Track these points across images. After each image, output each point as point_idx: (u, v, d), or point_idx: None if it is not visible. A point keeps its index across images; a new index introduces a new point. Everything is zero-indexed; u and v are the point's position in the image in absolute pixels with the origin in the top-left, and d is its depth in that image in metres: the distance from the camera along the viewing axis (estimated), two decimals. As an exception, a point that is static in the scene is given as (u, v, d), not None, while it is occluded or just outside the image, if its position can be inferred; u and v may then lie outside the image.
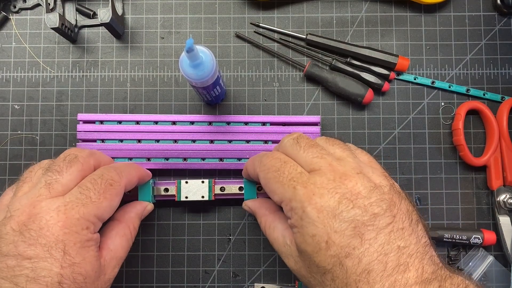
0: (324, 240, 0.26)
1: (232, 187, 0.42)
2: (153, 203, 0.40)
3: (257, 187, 0.40)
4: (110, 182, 0.32)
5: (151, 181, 0.40)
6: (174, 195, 0.41)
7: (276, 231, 0.33)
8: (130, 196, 0.40)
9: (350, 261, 0.26)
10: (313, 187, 0.28)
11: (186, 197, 0.41)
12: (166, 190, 0.41)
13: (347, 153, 0.31)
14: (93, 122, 0.44)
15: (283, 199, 0.29)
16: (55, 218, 0.28)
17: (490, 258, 0.43)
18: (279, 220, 0.33)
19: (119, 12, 0.45)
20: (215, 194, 0.41)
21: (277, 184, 0.30)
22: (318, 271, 0.27)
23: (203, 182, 0.41)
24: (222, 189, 0.41)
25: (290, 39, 0.46)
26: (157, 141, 0.43)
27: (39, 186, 0.30)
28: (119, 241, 0.33)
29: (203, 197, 0.41)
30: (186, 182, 0.41)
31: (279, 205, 0.31)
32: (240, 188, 0.41)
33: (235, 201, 0.44)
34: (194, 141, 0.44)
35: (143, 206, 0.38)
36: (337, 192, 0.27)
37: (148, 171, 0.40)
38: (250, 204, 0.38)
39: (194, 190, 0.41)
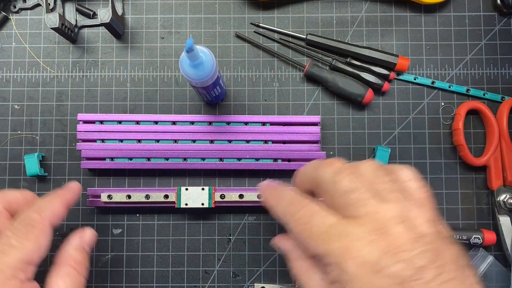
0: None
1: (232, 195, 0.42)
2: (43, 175, 0.43)
3: (257, 195, 0.40)
4: (31, 224, 0.30)
5: (36, 154, 0.43)
6: (174, 202, 0.42)
7: (312, 280, 0.29)
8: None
9: None
10: (349, 240, 0.25)
11: (186, 204, 0.41)
12: (166, 196, 0.42)
13: (394, 195, 0.27)
14: (93, 122, 0.44)
15: (316, 253, 0.27)
16: None
17: (490, 258, 0.43)
18: (316, 269, 0.29)
19: (119, 12, 0.45)
20: (215, 201, 0.41)
21: (308, 239, 0.27)
22: None
23: (203, 189, 0.41)
24: (222, 196, 0.41)
25: (290, 39, 0.46)
26: (157, 141, 0.43)
27: None
28: (62, 283, 0.31)
29: (203, 204, 0.41)
30: (186, 189, 0.41)
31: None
32: (240, 196, 0.41)
33: (236, 209, 0.44)
34: (194, 141, 0.44)
35: (78, 236, 0.34)
36: (378, 246, 0.25)
37: (78, 187, 0.37)
38: (282, 243, 0.33)
39: (194, 197, 0.41)
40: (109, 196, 0.42)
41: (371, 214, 0.26)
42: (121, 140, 0.43)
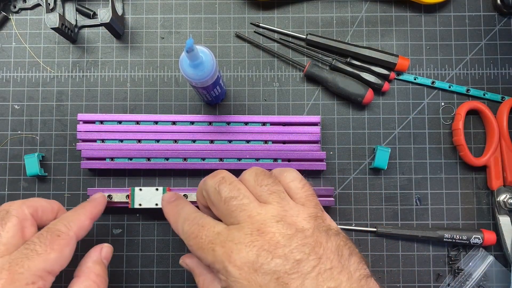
0: None
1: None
2: (43, 175, 0.43)
3: None
4: (57, 234, 0.31)
5: (36, 154, 0.43)
6: (127, 202, 0.42)
7: None
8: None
9: None
10: (231, 244, 0.27)
11: (140, 205, 0.41)
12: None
13: (274, 196, 0.29)
14: (93, 122, 0.44)
15: (207, 263, 0.28)
16: None
17: (490, 258, 0.43)
18: (218, 281, 0.31)
19: (119, 12, 0.45)
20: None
21: (199, 251, 0.29)
22: None
23: (157, 189, 0.41)
24: (184, 196, 0.41)
25: (290, 39, 0.46)
26: (157, 141, 0.43)
27: None
28: None
29: (156, 204, 0.41)
30: (140, 189, 0.41)
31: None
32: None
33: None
34: (194, 141, 0.44)
35: (98, 250, 0.36)
36: (254, 245, 0.26)
37: (103, 198, 0.39)
38: (188, 261, 0.35)
39: (148, 197, 0.41)
40: (109, 196, 0.42)
41: (250, 217, 0.28)
42: (121, 140, 0.43)
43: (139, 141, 0.44)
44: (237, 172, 0.44)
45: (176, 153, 0.43)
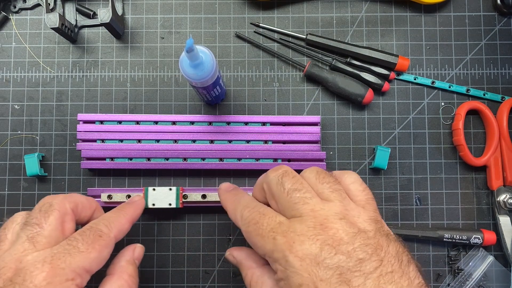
0: None
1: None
2: (43, 175, 0.43)
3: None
4: (99, 234, 0.31)
5: (36, 154, 0.43)
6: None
7: (264, 286, 0.31)
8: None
9: None
10: (293, 235, 0.27)
11: (153, 204, 0.41)
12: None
13: (336, 195, 0.29)
14: (93, 122, 0.44)
15: (265, 251, 0.28)
16: (39, 269, 0.27)
17: (490, 258, 0.43)
18: (268, 275, 0.31)
19: (119, 12, 0.45)
20: (182, 201, 0.42)
21: (257, 237, 0.29)
22: None
23: (170, 189, 0.41)
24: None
25: (290, 39, 0.46)
26: (157, 141, 0.43)
27: (21, 241, 0.29)
28: None
29: (170, 204, 0.41)
30: (154, 189, 0.41)
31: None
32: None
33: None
34: (194, 141, 0.44)
35: (131, 250, 0.36)
36: (317, 239, 0.26)
37: (142, 201, 0.39)
38: (236, 253, 0.35)
39: (162, 197, 0.41)
40: (109, 196, 0.42)
41: (313, 211, 0.28)
42: (121, 140, 0.43)
43: (139, 141, 0.44)
44: (237, 172, 0.44)
45: (176, 153, 0.43)
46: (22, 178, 0.44)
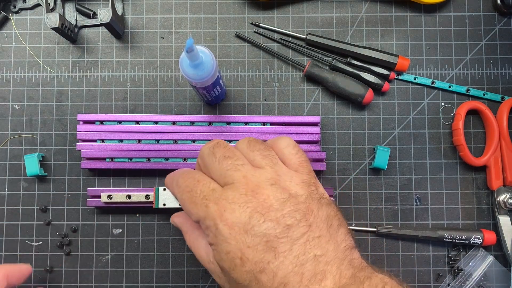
0: (238, 257, 0.26)
1: None
2: (43, 175, 0.44)
3: None
4: None
5: (36, 154, 0.43)
6: (152, 202, 0.42)
7: (200, 248, 0.32)
8: None
9: (265, 276, 0.25)
10: (224, 202, 0.27)
11: (164, 204, 0.41)
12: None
13: (267, 161, 0.30)
14: (93, 122, 0.44)
15: (198, 218, 0.29)
16: None
17: (490, 258, 0.43)
18: (203, 237, 0.32)
19: (119, 12, 0.45)
20: None
21: (191, 205, 0.29)
22: (238, 287, 0.27)
23: None
24: None
25: (290, 39, 0.46)
26: (157, 141, 0.43)
27: None
28: None
29: (180, 204, 0.41)
30: (164, 189, 0.41)
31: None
32: None
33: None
34: (194, 141, 0.44)
35: (5, 277, 0.36)
36: (248, 207, 0.27)
37: (26, 267, 0.38)
38: (176, 220, 0.36)
39: (172, 197, 0.41)
40: (109, 196, 0.42)
41: (245, 178, 0.28)
42: (121, 140, 0.43)
43: (139, 141, 0.44)
44: (237, 172, 0.44)
45: (176, 153, 0.43)
46: (22, 178, 0.44)
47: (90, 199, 0.43)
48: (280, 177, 0.29)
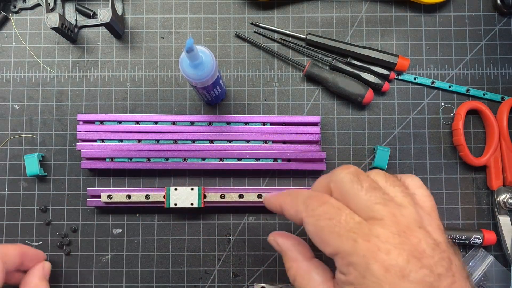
0: None
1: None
2: (43, 175, 0.44)
3: (257, 195, 0.41)
4: None
5: (36, 154, 0.43)
6: (163, 202, 0.42)
7: (311, 282, 0.29)
8: None
9: None
10: (376, 241, 0.24)
11: (175, 204, 0.41)
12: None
13: (408, 200, 0.27)
14: (93, 122, 0.44)
15: (339, 252, 0.26)
16: None
17: (490, 258, 0.43)
18: (316, 271, 0.29)
19: (119, 12, 0.45)
20: (204, 201, 0.41)
21: (332, 235, 0.26)
22: None
23: (192, 189, 0.41)
24: (222, 196, 0.42)
25: (290, 39, 0.46)
26: (157, 141, 0.43)
27: None
28: None
29: (192, 204, 0.41)
30: (176, 189, 0.41)
31: (329, 256, 0.27)
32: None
33: (236, 209, 0.44)
34: (194, 141, 0.44)
35: (41, 268, 0.38)
36: (404, 249, 0.24)
37: (41, 254, 0.41)
38: (281, 241, 0.32)
39: (183, 197, 0.41)
40: (109, 196, 0.42)
41: (394, 216, 0.26)
42: (121, 140, 0.43)
43: (139, 141, 0.44)
44: (237, 172, 0.44)
45: (176, 153, 0.43)
46: (22, 178, 0.44)
47: (90, 199, 0.43)
48: (422, 219, 0.27)
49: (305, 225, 0.28)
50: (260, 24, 0.46)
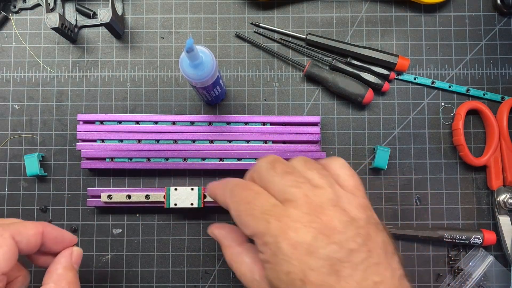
0: (299, 278, 0.25)
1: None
2: (43, 175, 0.43)
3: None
4: None
5: (36, 154, 0.43)
6: (163, 202, 0.42)
7: (243, 265, 0.31)
8: None
9: None
10: (287, 220, 0.26)
11: (175, 204, 0.41)
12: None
13: (325, 181, 0.29)
14: (93, 122, 0.44)
15: (255, 232, 0.27)
16: None
17: (490, 258, 0.43)
18: (247, 254, 0.31)
19: (119, 12, 0.45)
20: (204, 201, 0.41)
21: (248, 217, 0.28)
22: None
23: (192, 189, 0.41)
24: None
25: (290, 39, 0.46)
26: (157, 141, 0.43)
27: None
28: None
29: (192, 204, 0.41)
30: (176, 189, 0.41)
31: (249, 238, 0.29)
32: None
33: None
34: (194, 141, 0.44)
35: (68, 255, 0.33)
36: (312, 227, 0.26)
37: (67, 232, 0.34)
38: (216, 231, 0.34)
39: (183, 197, 0.41)
40: (109, 196, 0.42)
41: (307, 196, 0.27)
42: (121, 140, 0.43)
43: (139, 141, 0.44)
44: (237, 172, 0.44)
45: (176, 153, 0.43)
46: (22, 178, 0.44)
47: (90, 199, 0.43)
48: (339, 198, 0.28)
49: (229, 211, 0.30)
50: (260, 24, 0.46)
